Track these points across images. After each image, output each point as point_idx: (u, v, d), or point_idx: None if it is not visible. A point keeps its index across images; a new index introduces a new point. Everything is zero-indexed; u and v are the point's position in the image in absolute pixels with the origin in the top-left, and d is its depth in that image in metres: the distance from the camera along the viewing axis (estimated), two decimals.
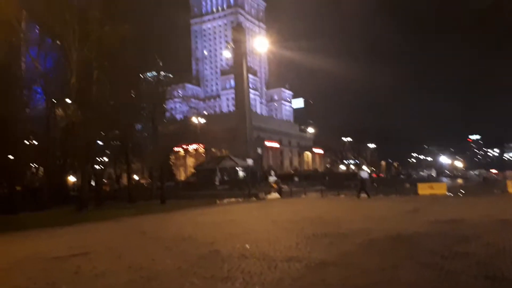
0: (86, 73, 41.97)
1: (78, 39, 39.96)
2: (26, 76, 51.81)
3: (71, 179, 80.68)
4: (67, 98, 43.52)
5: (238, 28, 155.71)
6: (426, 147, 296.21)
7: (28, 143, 54.73)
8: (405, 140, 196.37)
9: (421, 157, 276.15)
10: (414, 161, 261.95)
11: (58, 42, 46.87)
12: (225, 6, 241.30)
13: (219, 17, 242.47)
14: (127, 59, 47.11)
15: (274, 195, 50.63)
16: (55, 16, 38.67)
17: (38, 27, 51.87)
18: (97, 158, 57.94)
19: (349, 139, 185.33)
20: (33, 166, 62.00)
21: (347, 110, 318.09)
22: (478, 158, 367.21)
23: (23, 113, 50.15)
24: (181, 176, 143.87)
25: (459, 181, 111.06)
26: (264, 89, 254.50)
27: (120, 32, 39.82)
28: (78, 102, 42.23)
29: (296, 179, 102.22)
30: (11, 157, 47.00)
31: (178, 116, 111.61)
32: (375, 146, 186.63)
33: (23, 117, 49.87)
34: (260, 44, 64.66)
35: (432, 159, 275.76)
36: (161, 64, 65.93)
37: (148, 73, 73.18)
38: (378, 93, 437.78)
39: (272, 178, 64.36)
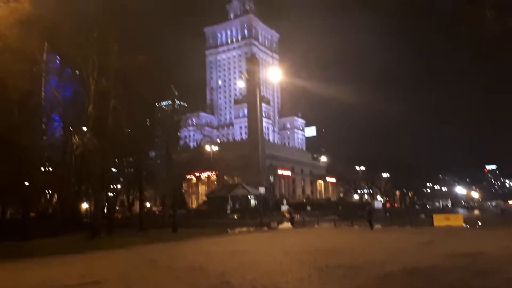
0: (103, 102, 43.00)
1: (96, 69, 41.28)
2: (46, 105, 53.32)
3: (84, 205, 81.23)
4: (84, 126, 44.45)
5: (252, 58, 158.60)
6: (441, 177, 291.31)
7: (44, 169, 55.67)
8: (419, 169, 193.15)
9: (436, 187, 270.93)
10: (429, 191, 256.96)
11: (77, 72, 48.41)
12: (239, 38, 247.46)
13: (234, 48, 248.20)
14: (143, 89, 48.25)
15: (286, 224, 49.99)
16: (76, 48, 40.17)
17: (58, 57, 53.84)
18: (111, 185, 58.43)
19: (362, 168, 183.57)
20: (48, 192, 62.82)
21: (360, 138, 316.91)
22: (495, 189, 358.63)
23: (41, 140, 51.32)
24: (193, 203, 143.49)
25: (476, 212, 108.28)
26: (277, 117, 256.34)
27: (138, 63, 41.04)
28: (94, 130, 43.09)
29: (308, 208, 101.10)
30: (27, 183, 47.75)
31: (192, 144, 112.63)
32: (389, 175, 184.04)
33: (41, 144, 50.98)
34: (274, 74, 65.55)
35: (447, 189, 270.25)
36: (176, 93, 67.24)
37: (163, 102, 74.60)
38: (392, 121, 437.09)
39: (284, 207, 63.89)
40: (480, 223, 45.99)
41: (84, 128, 44.95)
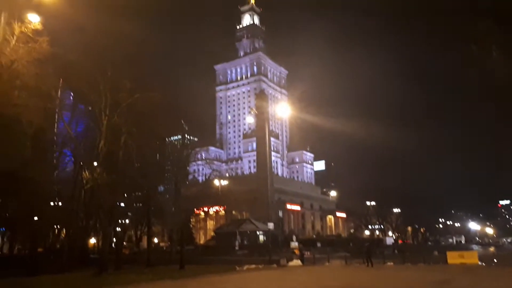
0: (114, 138, 43.63)
1: (109, 106, 42.19)
2: (58, 140, 54.18)
3: (92, 240, 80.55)
4: (94, 161, 44.86)
5: (261, 94, 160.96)
6: (454, 212, 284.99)
7: (54, 204, 55.77)
8: (431, 204, 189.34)
9: (449, 222, 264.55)
10: (442, 227, 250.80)
11: (90, 108, 49.50)
12: (249, 74, 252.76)
13: (243, 84, 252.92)
14: (154, 124, 48.97)
15: (296, 261, 48.80)
16: (90, 85, 41.31)
17: (72, 94, 55.27)
18: (119, 220, 58.12)
19: (373, 203, 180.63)
20: (56, 227, 62.56)
21: (370, 172, 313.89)
22: (510, 225, 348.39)
23: (52, 175, 51.76)
24: (201, 239, 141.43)
25: (491, 249, 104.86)
26: (286, 151, 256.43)
27: (150, 100, 41.95)
28: (105, 165, 43.44)
29: (318, 244, 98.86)
30: (36, 218, 47.77)
31: (200, 178, 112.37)
32: (400, 210, 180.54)
33: (52, 179, 51.38)
34: (282, 109, 66.30)
35: (460, 225, 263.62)
36: (186, 128, 68.02)
37: (174, 137, 75.36)
38: (403, 155, 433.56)
39: (294, 244, 62.63)
40: (496, 261, 44.45)
41: (95, 163, 45.32)
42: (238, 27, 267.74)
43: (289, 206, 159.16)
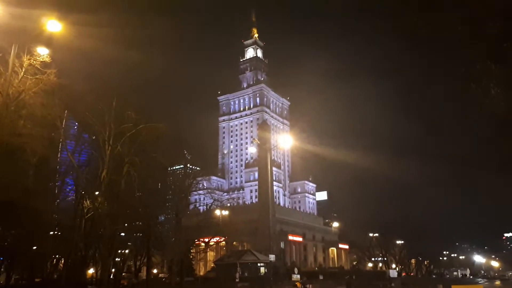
0: (116, 167, 43.63)
1: (113, 136, 42.43)
2: (61, 169, 54.16)
3: (90, 271, 78.91)
4: (96, 190, 44.63)
5: (263, 125, 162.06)
6: (458, 244, 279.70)
7: (53, 233, 55.01)
8: (435, 237, 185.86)
9: (453, 255, 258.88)
10: (446, 259, 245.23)
11: (93, 137, 49.76)
12: (252, 105, 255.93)
13: (246, 115, 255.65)
14: (157, 154, 49.04)
15: None
16: (95, 115, 41.73)
17: (77, 124, 55.72)
18: (119, 250, 57.18)
19: (376, 234, 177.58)
20: (55, 257, 61.47)
21: (373, 204, 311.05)
22: None
23: (53, 204, 51.37)
24: (201, 270, 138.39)
25: (497, 283, 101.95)
26: (288, 181, 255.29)
27: (154, 131, 42.27)
28: (106, 194, 43.23)
29: (321, 277, 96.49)
30: (35, 247, 47.01)
31: (202, 208, 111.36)
32: (403, 242, 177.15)
33: (53, 208, 50.94)
34: (284, 140, 66.49)
35: (465, 258, 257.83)
36: (189, 158, 68.07)
37: (176, 166, 75.20)
38: (406, 186, 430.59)
39: (296, 276, 61.09)
40: None
41: (96, 192, 45.07)
42: (241, 60, 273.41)
43: (291, 237, 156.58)
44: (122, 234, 55.63)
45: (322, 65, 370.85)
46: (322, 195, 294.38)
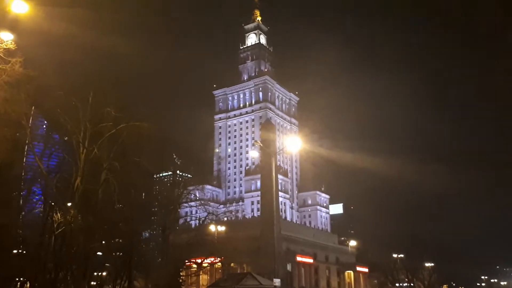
0: (93, 174, 43.69)
1: (89, 137, 42.54)
2: (26, 177, 54.26)
3: None
4: (68, 201, 44.68)
5: (267, 124, 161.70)
6: (499, 268, 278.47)
7: (17, 252, 55.12)
8: (472, 258, 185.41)
9: (494, 280, 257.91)
10: (484, 285, 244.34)
11: (66, 139, 49.89)
12: (253, 101, 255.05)
13: (247, 112, 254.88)
14: (141, 158, 49.07)
15: None
16: (67, 113, 41.84)
17: (46, 123, 55.88)
18: (95, 273, 57.25)
19: (400, 255, 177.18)
20: (19, 280, 61.48)
21: (398, 219, 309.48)
22: None
23: (17, 218, 51.45)
24: None
25: None
26: (296, 191, 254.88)
27: (137, 131, 42.32)
28: (80, 206, 43.29)
29: None
30: None
31: (194, 223, 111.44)
32: (433, 265, 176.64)
33: (16, 223, 51.03)
34: (292, 142, 66.52)
35: (507, 284, 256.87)
36: (179, 163, 68.19)
37: (163, 173, 75.35)
38: (437, 199, 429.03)
39: None
40: None
41: (69, 204, 45.14)
42: (241, 47, 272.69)
43: (299, 258, 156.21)
44: (99, 253, 55.65)
45: (336, 54, 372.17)
46: (337, 208, 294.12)
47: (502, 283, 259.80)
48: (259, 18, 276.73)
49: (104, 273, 66.62)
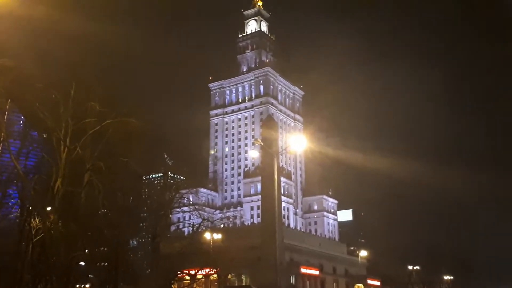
0: (75, 176, 43.63)
1: (70, 134, 42.48)
2: (1, 178, 54.23)
3: None
4: (48, 205, 44.64)
5: (268, 121, 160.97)
6: None
7: None
8: (494, 271, 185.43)
9: None
10: None
11: (45, 136, 49.84)
12: (253, 95, 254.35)
13: (246, 108, 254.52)
14: (129, 158, 49.02)
15: None
16: (47, 107, 41.80)
17: (23, 118, 55.87)
18: (77, 285, 57.19)
19: (416, 267, 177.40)
20: None
21: (413, 226, 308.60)
22: None
23: None
24: None
25: None
26: (300, 196, 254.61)
27: (125, 127, 42.26)
28: (61, 210, 43.22)
29: None
30: None
31: (187, 230, 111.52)
32: (452, 278, 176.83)
33: None
34: (296, 141, 66.44)
35: None
36: (170, 163, 68.17)
37: (153, 175, 75.35)
38: (455, 205, 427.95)
39: None
40: None
41: (48, 208, 45.11)
42: (240, 35, 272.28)
43: (304, 270, 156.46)
44: (82, 263, 55.63)
45: (347, 44, 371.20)
46: (346, 215, 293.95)
47: None
48: (260, 3, 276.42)
49: (87, 285, 66.64)
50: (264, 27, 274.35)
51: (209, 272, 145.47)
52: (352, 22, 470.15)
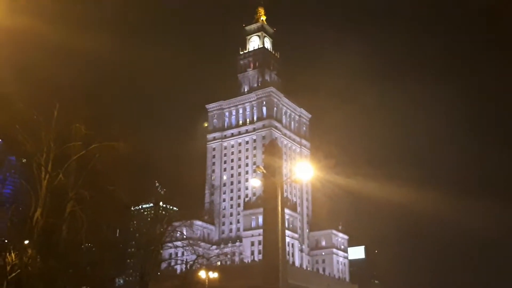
0: (56, 206, 43.47)
1: (52, 159, 42.48)
2: None
3: None
4: (25, 239, 44.41)
5: (271, 147, 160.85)
6: None
7: None
8: None
9: None
10: None
11: (24, 161, 49.86)
12: (255, 118, 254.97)
13: (247, 131, 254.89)
14: (116, 187, 48.94)
15: None
16: (27, 129, 41.93)
17: (0, 141, 56.08)
18: None
19: None
20: None
21: (432, 265, 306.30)
22: None
23: None
24: None
25: None
26: (307, 230, 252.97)
27: (112, 152, 42.29)
28: (40, 244, 42.95)
29: None
30: None
31: (179, 268, 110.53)
32: None
33: None
34: (303, 169, 66.43)
35: None
36: (162, 192, 67.98)
37: (143, 205, 75.03)
38: (479, 242, 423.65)
39: None
40: None
41: (26, 242, 44.85)
42: (242, 52, 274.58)
43: None
44: None
45: (356, 62, 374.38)
46: (358, 252, 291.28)
47: None
48: (263, 18, 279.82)
49: None
50: (268, 44, 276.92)
51: None
52: (362, 39, 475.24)
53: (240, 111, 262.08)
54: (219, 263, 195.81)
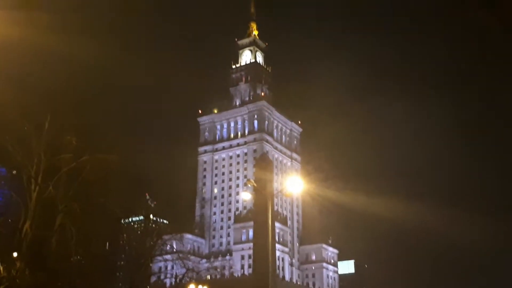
0: (46, 218, 43.15)
1: (43, 171, 42.25)
2: None
3: None
4: (14, 251, 44.04)
5: (262, 160, 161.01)
6: None
7: None
8: None
9: None
10: None
11: (14, 172, 49.55)
12: (246, 131, 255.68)
13: (238, 145, 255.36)
14: (107, 199, 48.78)
15: None
16: (17, 140, 41.71)
17: None
18: None
19: None
20: None
21: (424, 280, 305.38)
22: None
23: None
24: None
25: None
26: (297, 244, 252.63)
27: (103, 165, 42.14)
28: (29, 257, 42.56)
29: None
30: None
31: (169, 282, 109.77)
32: None
33: None
34: (294, 183, 66.54)
35: None
36: (152, 205, 67.74)
37: (133, 218, 74.67)
38: (472, 256, 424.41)
39: None
40: None
41: (14, 254, 44.47)
42: (234, 66, 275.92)
43: None
44: None
45: (347, 76, 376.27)
46: (348, 267, 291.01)
47: None
48: (255, 33, 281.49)
49: None
50: (260, 58, 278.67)
51: None
52: (354, 53, 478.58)
53: (232, 124, 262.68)
54: (209, 276, 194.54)
